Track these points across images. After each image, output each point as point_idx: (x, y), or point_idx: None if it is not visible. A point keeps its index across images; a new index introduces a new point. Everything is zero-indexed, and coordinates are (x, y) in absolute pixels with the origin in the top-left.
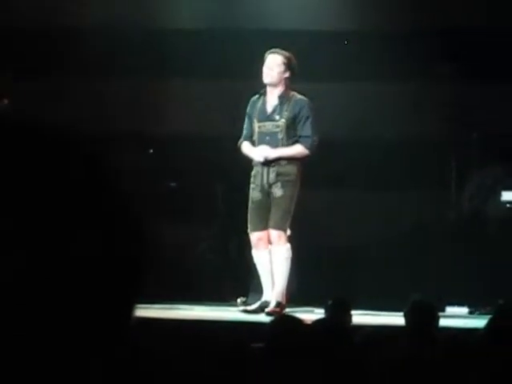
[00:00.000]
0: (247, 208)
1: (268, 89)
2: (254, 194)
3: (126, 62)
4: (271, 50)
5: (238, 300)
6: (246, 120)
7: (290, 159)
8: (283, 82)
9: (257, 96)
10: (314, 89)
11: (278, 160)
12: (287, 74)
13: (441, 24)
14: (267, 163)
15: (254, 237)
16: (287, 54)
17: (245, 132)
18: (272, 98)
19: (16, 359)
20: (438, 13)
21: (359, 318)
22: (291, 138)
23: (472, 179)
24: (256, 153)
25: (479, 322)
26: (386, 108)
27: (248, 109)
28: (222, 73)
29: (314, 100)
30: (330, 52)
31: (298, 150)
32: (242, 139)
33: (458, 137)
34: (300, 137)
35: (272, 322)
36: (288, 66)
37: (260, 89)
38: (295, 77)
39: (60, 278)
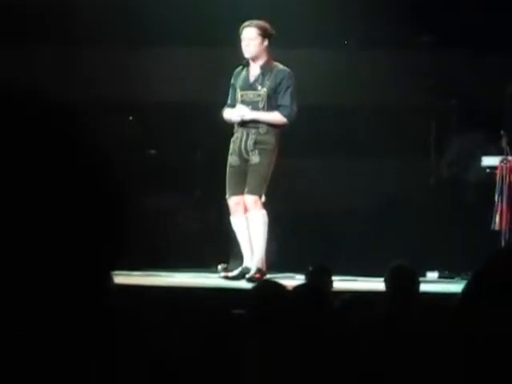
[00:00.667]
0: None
1: (250, 61)
2: (232, 159)
3: (110, 30)
4: (244, 24)
5: (219, 266)
6: (231, 90)
7: (269, 128)
8: (264, 52)
9: (240, 67)
10: (295, 56)
11: (257, 128)
12: (265, 44)
13: None
14: (246, 130)
15: (232, 202)
16: (261, 23)
17: (228, 102)
18: (255, 68)
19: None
20: None
21: (340, 283)
22: (272, 107)
23: (452, 145)
24: (234, 113)
25: (459, 287)
26: (366, 76)
27: (232, 80)
28: (205, 40)
29: (294, 67)
30: (310, 17)
31: (275, 116)
32: (225, 108)
33: (437, 103)
34: (279, 106)
35: (254, 287)
36: (264, 35)
37: (241, 56)
38: (275, 41)
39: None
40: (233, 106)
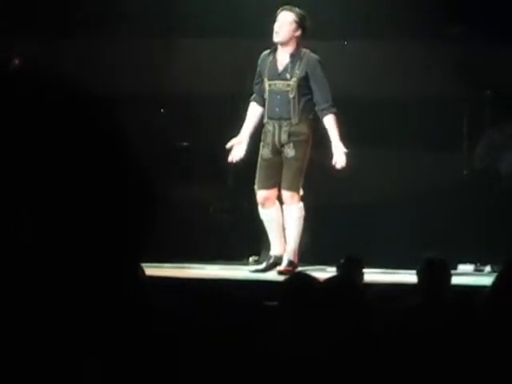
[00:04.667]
0: None
1: (279, 46)
2: (265, 151)
3: (139, 23)
4: (283, 7)
5: (250, 259)
6: (256, 76)
7: (301, 117)
8: (294, 40)
9: (267, 52)
10: (326, 47)
11: (289, 119)
12: (298, 33)
13: None
14: (278, 122)
15: (261, 195)
16: (300, 11)
17: (255, 91)
18: (283, 56)
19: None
20: None
21: (371, 276)
22: (302, 96)
23: (484, 137)
24: (338, 163)
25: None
26: (399, 68)
27: (259, 63)
28: (232, 31)
29: (325, 58)
30: (341, 8)
31: (335, 123)
32: (252, 98)
33: (470, 95)
34: (321, 95)
35: (286, 279)
36: (300, 24)
37: (268, 46)
38: (307, 35)
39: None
40: (261, 96)
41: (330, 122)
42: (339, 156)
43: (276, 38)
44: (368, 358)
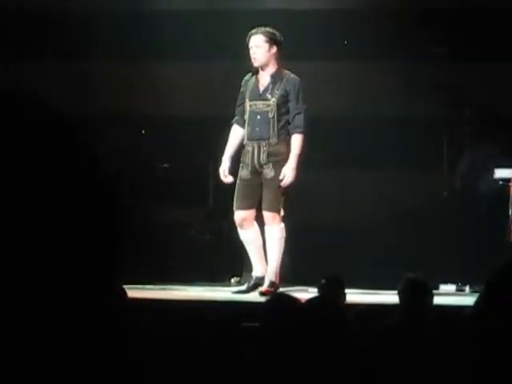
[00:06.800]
0: None
1: (260, 69)
2: (244, 172)
3: (123, 45)
4: (251, 32)
5: (232, 280)
6: (239, 98)
7: (280, 137)
8: (273, 59)
9: (250, 74)
10: (306, 67)
11: (267, 139)
12: (274, 50)
13: (434, 4)
14: (257, 143)
15: (238, 216)
16: (268, 30)
17: (237, 113)
18: (264, 77)
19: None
20: None
21: (353, 296)
22: (282, 116)
23: (465, 157)
24: (288, 182)
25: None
26: (379, 87)
27: (242, 85)
28: (212, 54)
29: (305, 78)
30: (321, 30)
31: (298, 143)
32: (234, 120)
33: (450, 115)
34: (296, 114)
35: (267, 300)
36: (272, 42)
37: (250, 68)
38: (284, 50)
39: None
40: (242, 117)
41: (294, 140)
42: (286, 172)
43: (255, 64)
44: (350, 378)
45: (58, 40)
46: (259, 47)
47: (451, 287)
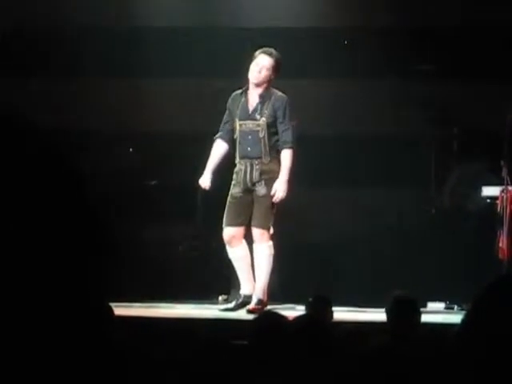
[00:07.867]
0: None
1: (251, 86)
2: (235, 190)
3: (110, 62)
4: (264, 50)
5: (220, 298)
6: (226, 114)
7: (272, 156)
8: (268, 83)
9: (239, 92)
10: (294, 85)
11: (260, 158)
12: (273, 77)
13: (422, 22)
14: (250, 161)
15: (227, 233)
16: (278, 56)
17: (221, 129)
18: (254, 96)
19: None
20: (416, 11)
21: (340, 314)
22: (272, 135)
23: (452, 175)
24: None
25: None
26: (366, 105)
27: (229, 103)
28: (200, 71)
29: (293, 97)
30: (310, 49)
31: (288, 159)
32: (218, 135)
33: (437, 133)
34: (284, 130)
35: (255, 318)
36: (276, 69)
37: (239, 86)
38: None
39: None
40: (226, 133)
41: (284, 155)
42: (277, 187)
43: (254, 80)
44: None
45: (45, 57)
46: (267, 69)
47: (440, 305)
